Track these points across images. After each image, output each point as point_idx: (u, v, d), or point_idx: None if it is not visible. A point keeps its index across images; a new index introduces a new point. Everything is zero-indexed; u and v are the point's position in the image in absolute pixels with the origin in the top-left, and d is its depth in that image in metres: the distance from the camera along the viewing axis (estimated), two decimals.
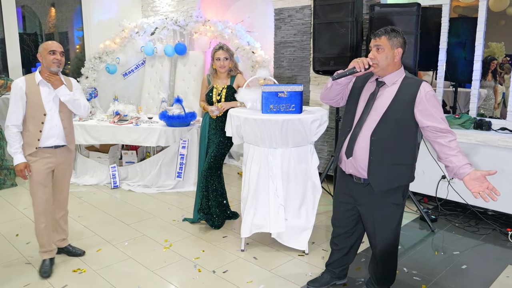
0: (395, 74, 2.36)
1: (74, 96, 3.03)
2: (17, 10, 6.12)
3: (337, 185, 2.69)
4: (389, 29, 2.33)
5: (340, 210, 2.66)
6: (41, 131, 2.96)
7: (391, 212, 2.46)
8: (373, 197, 2.44)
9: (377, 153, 2.35)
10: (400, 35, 2.33)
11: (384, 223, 2.47)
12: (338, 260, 2.81)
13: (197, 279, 3.03)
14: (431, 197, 4.34)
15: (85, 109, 3.12)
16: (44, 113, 2.97)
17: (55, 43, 3.03)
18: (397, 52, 2.32)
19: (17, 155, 2.94)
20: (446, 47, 4.25)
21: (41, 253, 3.13)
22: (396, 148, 2.34)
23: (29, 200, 4.63)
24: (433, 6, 4.32)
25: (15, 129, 2.94)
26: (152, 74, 6.44)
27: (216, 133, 3.75)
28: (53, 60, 2.95)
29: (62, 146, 3.08)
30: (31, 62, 6.54)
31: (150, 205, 4.51)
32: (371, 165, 2.36)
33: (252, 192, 3.33)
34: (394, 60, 2.33)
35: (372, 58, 2.33)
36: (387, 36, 2.30)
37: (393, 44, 2.30)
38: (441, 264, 3.24)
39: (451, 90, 5.24)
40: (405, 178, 2.41)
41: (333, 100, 2.61)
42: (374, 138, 2.34)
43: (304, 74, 5.12)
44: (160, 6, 6.86)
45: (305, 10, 5.02)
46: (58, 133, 3.02)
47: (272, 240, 3.44)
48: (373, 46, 2.35)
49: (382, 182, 2.37)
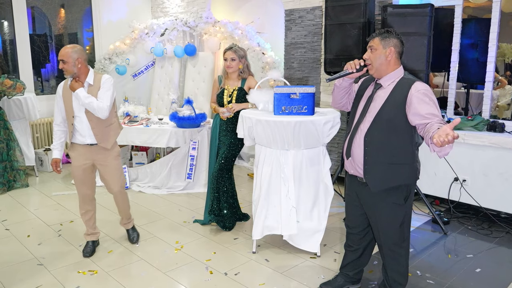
0: (391, 75, 2.40)
1: (86, 100, 3.10)
2: (27, 11, 6.16)
3: (347, 186, 2.73)
4: (382, 30, 2.41)
5: (352, 210, 2.69)
6: (73, 130, 3.23)
7: (392, 212, 2.47)
8: (374, 197, 2.47)
9: (371, 153, 2.40)
10: (393, 36, 2.38)
11: (386, 223, 2.49)
12: (352, 263, 2.80)
13: (209, 281, 3.02)
14: (444, 199, 4.30)
15: (99, 110, 3.13)
16: (73, 115, 3.19)
17: (60, 50, 3.12)
18: (389, 51, 2.36)
19: (53, 151, 3.31)
20: (459, 48, 4.21)
21: (84, 235, 3.50)
22: (391, 148, 2.37)
23: (41, 201, 4.69)
24: (444, 7, 4.29)
25: (56, 127, 3.30)
26: (162, 75, 6.45)
27: (226, 135, 3.75)
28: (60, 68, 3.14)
29: (95, 144, 3.25)
30: (41, 63, 6.59)
31: (160, 206, 4.51)
32: (367, 165, 2.43)
33: (264, 194, 3.31)
34: (387, 59, 2.37)
35: (366, 58, 2.42)
36: (380, 37, 2.38)
37: (385, 44, 2.37)
38: (455, 267, 3.21)
39: (463, 92, 5.19)
40: (403, 177, 2.41)
41: (340, 103, 2.70)
42: (368, 138, 2.40)
43: (315, 76, 5.10)
44: (170, 7, 6.87)
45: (316, 11, 5.00)
46: (88, 132, 3.21)
47: (284, 242, 3.43)
48: (368, 48, 2.44)
49: (378, 181, 2.42)
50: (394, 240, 2.51)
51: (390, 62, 2.38)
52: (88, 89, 3.16)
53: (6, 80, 4.89)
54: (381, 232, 2.52)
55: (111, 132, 3.31)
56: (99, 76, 3.23)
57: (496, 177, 3.84)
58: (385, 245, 2.54)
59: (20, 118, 5.38)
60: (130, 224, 3.69)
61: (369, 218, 2.59)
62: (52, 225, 4.04)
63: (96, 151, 3.26)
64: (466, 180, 4.03)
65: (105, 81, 3.21)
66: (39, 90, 6.57)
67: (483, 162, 3.90)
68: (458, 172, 4.04)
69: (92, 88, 3.17)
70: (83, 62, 3.14)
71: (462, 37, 4.25)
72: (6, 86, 4.87)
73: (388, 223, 2.48)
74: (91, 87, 3.17)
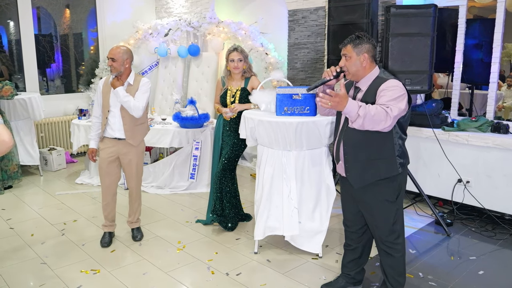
0: (368, 77, 2.46)
1: (125, 98, 3.32)
2: (32, 11, 6.19)
3: (341, 187, 2.80)
4: (353, 36, 2.44)
5: (348, 210, 2.76)
6: (106, 124, 3.43)
7: (383, 209, 2.52)
8: (365, 194, 2.53)
9: (349, 152, 2.50)
10: (365, 41, 2.42)
11: (379, 220, 2.55)
12: (352, 262, 2.82)
13: (211, 281, 3.02)
14: (447, 201, 4.28)
15: (135, 109, 3.34)
16: (109, 109, 3.42)
17: (111, 49, 3.37)
18: (363, 58, 2.42)
19: (90, 141, 3.57)
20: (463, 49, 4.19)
21: (101, 226, 3.66)
22: (367, 145, 2.43)
23: (45, 200, 4.71)
24: (449, 7, 4.27)
25: (95, 119, 3.53)
26: (166, 75, 6.46)
27: (230, 135, 3.75)
28: (108, 65, 3.38)
29: (123, 139, 3.45)
30: (46, 63, 6.63)
31: (163, 206, 4.52)
32: (346, 163, 2.53)
33: (266, 195, 3.31)
34: (362, 65, 2.43)
35: (342, 66, 2.47)
36: (352, 44, 2.43)
37: (358, 51, 2.41)
38: (457, 269, 3.20)
39: (467, 92, 5.17)
40: (382, 172, 2.46)
41: (325, 111, 2.77)
42: (344, 138, 2.51)
43: (318, 76, 5.09)
44: (173, 8, 6.89)
45: (319, 12, 4.99)
46: (119, 127, 3.43)
47: (286, 243, 3.43)
48: (342, 55, 2.48)
49: (357, 178, 2.51)
50: (388, 237, 2.56)
51: (366, 67, 2.45)
52: (127, 88, 3.39)
53: None
54: (374, 228, 2.59)
55: (140, 131, 3.53)
56: (139, 78, 3.48)
57: (500, 178, 3.81)
58: (380, 241, 2.61)
59: (25, 117, 5.41)
60: (137, 224, 3.76)
61: (364, 216, 2.65)
62: (55, 224, 4.06)
63: (122, 145, 3.47)
64: (469, 182, 4.00)
65: (144, 84, 3.44)
66: (44, 90, 6.60)
67: (487, 164, 3.88)
68: (461, 174, 4.02)
69: (130, 88, 3.40)
70: (130, 63, 3.41)
71: (467, 38, 4.23)
72: None
73: (380, 220, 2.54)
74: (130, 87, 3.40)
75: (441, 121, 4.19)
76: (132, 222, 3.73)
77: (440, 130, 4.09)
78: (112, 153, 3.48)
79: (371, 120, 2.20)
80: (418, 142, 4.24)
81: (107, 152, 3.48)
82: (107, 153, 3.48)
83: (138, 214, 3.73)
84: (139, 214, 3.74)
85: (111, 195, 3.58)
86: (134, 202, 3.68)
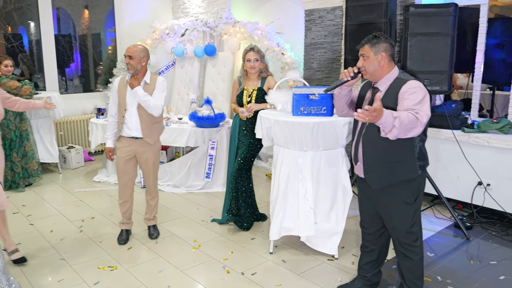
0: (387, 78, 2.44)
1: (144, 97, 3.33)
2: (52, 12, 6.29)
3: (358, 188, 2.76)
4: (371, 36, 2.44)
5: (365, 211, 2.73)
6: (122, 123, 3.45)
7: (402, 211, 2.49)
8: (383, 196, 2.51)
9: (368, 153, 2.49)
10: (382, 40, 2.42)
11: (397, 221, 2.52)
12: (369, 263, 2.79)
13: (226, 281, 3.02)
14: (466, 204, 4.20)
15: (155, 108, 3.37)
16: (125, 108, 3.42)
17: (129, 47, 3.38)
18: (381, 57, 2.40)
19: (107, 140, 3.59)
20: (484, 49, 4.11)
21: (119, 224, 3.71)
22: (387, 147, 2.39)
23: (63, 197, 4.78)
24: (469, 6, 4.19)
25: (111, 118, 3.55)
26: (182, 75, 6.50)
27: (246, 135, 3.75)
28: (125, 63, 3.37)
29: (140, 138, 3.46)
30: (66, 63, 6.73)
31: (179, 205, 4.55)
32: (365, 165, 2.51)
33: (282, 195, 3.30)
34: (380, 65, 2.42)
35: (360, 66, 2.47)
36: (369, 44, 2.42)
37: (376, 51, 2.41)
38: (477, 274, 3.13)
39: (488, 93, 5.07)
40: (401, 174, 2.44)
41: (343, 111, 2.72)
42: (364, 139, 2.49)
43: (335, 76, 5.05)
44: (190, 8, 6.92)
45: (336, 11, 4.96)
46: (136, 126, 3.44)
47: (301, 244, 3.41)
48: (359, 55, 2.48)
49: (376, 179, 2.49)
50: (406, 239, 2.53)
51: (384, 66, 2.43)
52: (144, 87, 3.39)
53: (13, 81, 4.81)
54: (392, 230, 2.57)
55: (157, 129, 3.56)
56: (155, 77, 3.49)
57: None
58: (398, 244, 2.58)
59: (45, 116, 5.51)
60: (154, 221, 3.79)
61: (383, 219, 2.62)
62: (74, 221, 4.11)
63: (139, 144, 3.48)
64: (490, 184, 3.92)
65: (161, 83, 3.46)
66: (63, 89, 6.70)
67: (508, 166, 3.79)
68: (482, 176, 3.94)
69: (147, 87, 3.41)
70: (146, 62, 3.41)
71: (488, 37, 4.14)
72: (11, 88, 4.73)
73: (399, 221, 2.51)
74: (146, 86, 3.41)
75: (461, 123, 4.12)
76: (149, 219, 3.75)
77: (459, 132, 4.02)
78: (129, 152, 3.49)
79: (405, 129, 2.16)
80: (437, 143, 4.17)
81: (124, 151, 3.49)
82: (124, 152, 3.49)
83: (155, 211, 3.75)
84: (156, 211, 3.76)
85: (128, 193, 3.61)
86: (152, 199, 3.71)
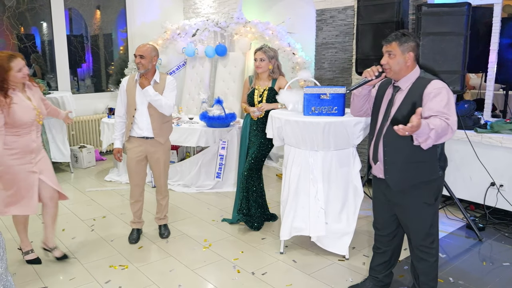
0: (409, 77, 2.39)
1: (156, 97, 3.33)
2: (64, 12, 6.35)
3: (374, 189, 2.71)
4: (399, 34, 2.36)
5: (380, 213, 2.68)
6: (132, 123, 3.43)
7: (422, 212, 2.46)
8: (403, 197, 2.46)
9: (390, 153, 2.43)
10: (411, 39, 2.35)
11: (416, 223, 2.48)
12: (381, 265, 2.77)
13: (237, 280, 3.03)
14: (479, 205, 4.16)
15: (166, 108, 3.38)
16: (135, 108, 3.41)
17: (139, 47, 3.36)
18: (408, 57, 2.35)
19: (115, 141, 3.58)
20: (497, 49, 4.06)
21: (130, 223, 3.75)
22: (408, 147, 2.34)
23: (75, 197, 4.82)
24: (482, 5, 4.15)
25: (118, 118, 3.53)
26: (193, 75, 6.52)
27: (257, 135, 3.75)
28: (136, 63, 3.35)
29: (151, 138, 3.45)
30: (78, 63, 6.79)
31: (189, 204, 4.57)
32: (386, 165, 2.45)
33: (292, 195, 3.30)
34: (406, 64, 2.37)
35: (384, 63, 2.39)
36: (398, 42, 2.34)
37: (404, 49, 2.34)
38: (490, 275, 3.10)
39: (501, 94, 5.01)
40: (422, 175, 2.40)
41: (361, 111, 2.71)
42: (385, 139, 2.43)
43: (346, 76, 5.04)
44: (201, 8, 6.95)
45: (347, 11, 4.94)
46: (147, 126, 3.42)
47: (312, 244, 3.40)
48: (384, 52, 2.39)
49: (397, 180, 2.43)
50: (424, 240, 2.50)
51: (409, 66, 2.39)
52: (154, 86, 3.39)
53: None
54: (411, 232, 2.52)
55: (167, 128, 3.56)
56: (164, 76, 3.49)
57: None
58: (415, 246, 2.54)
59: None
60: (165, 220, 3.80)
61: (400, 220, 2.58)
62: (85, 220, 4.15)
63: (150, 144, 3.48)
64: (503, 185, 3.88)
65: (170, 82, 3.47)
66: (75, 89, 6.77)
67: None
68: (495, 177, 3.90)
69: (157, 86, 3.41)
70: (156, 61, 3.42)
71: (501, 37, 4.09)
72: None
73: (418, 223, 2.48)
74: (156, 85, 3.41)
75: (473, 123, 4.07)
76: (160, 218, 3.77)
77: (472, 132, 3.98)
78: (140, 152, 3.49)
79: (438, 137, 2.14)
80: (450, 144, 4.13)
81: (135, 152, 3.49)
82: (135, 153, 3.49)
83: (165, 211, 3.77)
84: (166, 211, 3.78)
85: (139, 193, 3.62)
86: (162, 199, 3.72)
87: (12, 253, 3.41)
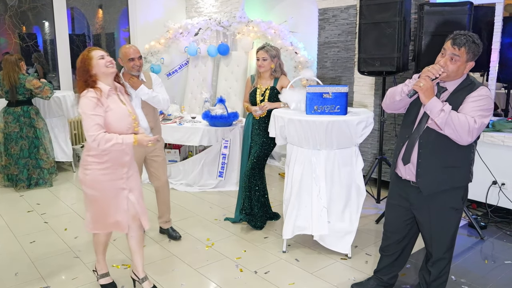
0: (456, 81, 2.30)
1: (152, 94, 3.33)
2: (67, 12, 6.37)
3: (392, 190, 2.62)
4: (471, 40, 2.18)
5: (395, 215, 2.60)
6: None
7: (449, 217, 2.39)
8: (430, 201, 2.38)
9: (425, 155, 2.32)
10: (478, 49, 2.21)
11: (442, 229, 2.41)
12: (388, 266, 2.75)
13: (239, 279, 3.04)
14: (481, 203, 4.16)
15: (165, 103, 3.42)
16: None
17: (132, 49, 3.33)
18: (469, 66, 2.24)
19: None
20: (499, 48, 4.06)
21: None
22: (446, 150, 2.28)
23: (77, 196, 4.83)
24: (484, 5, 4.14)
25: None
26: (195, 74, 6.53)
27: (259, 134, 3.76)
28: (132, 66, 3.31)
29: None
30: None
31: (192, 203, 4.58)
32: (420, 167, 2.34)
33: (295, 194, 3.31)
34: (463, 72, 2.26)
35: (442, 66, 2.22)
36: (467, 48, 2.17)
37: (469, 58, 2.21)
38: (492, 273, 3.10)
39: (503, 92, 5.01)
40: (455, 180, 2.34)
41: (398, 109, 2.54)
42: (422, 141, 2.33)
43: (348, 75, 5.04)
44: (204, 7, 6.95)
45: (350, 10, 4.94)
46: (144, 125, 3.31)
47: (314, 242, 3.41)
48: (447, 53, 2.22)
49: (429, 184, 2.34)
50: (447, 247, 2.44)
51: (463, 74, 2.28)
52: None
53: (35, 80, 4.88)
54: (434, 238, 2.44)
55: (160, 125, 3.60)
56: (147, 74, 3.49)
57: None
58: (436, 252, 2.46)
59: (59, 115, 5.58)
60: (170, 222, 3.75)
61: (421, 225, 2.50)
62: None
63: None
64: (505, 184, 3.88)
65: (156, 78, 3.50)
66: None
67: None
68: (496, 175, 3.90)
69: (145, 85, 3.41)
70: None
71: (503, 36, 4.10)
72: (34, 86, 4.84)
73: (443, 229, 2.41)
74: (144, 83, 3.41)
75: None
76: (166, 221, 3.71)
77: None
78: (140, 152, 3.42)
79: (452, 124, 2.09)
80: None
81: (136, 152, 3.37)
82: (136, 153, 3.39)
83: (169, 209, 3.72)
84: (169, 212, 3.74)
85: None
86: (166, 196, 3.65)
87: (12, 253, 3.43)
